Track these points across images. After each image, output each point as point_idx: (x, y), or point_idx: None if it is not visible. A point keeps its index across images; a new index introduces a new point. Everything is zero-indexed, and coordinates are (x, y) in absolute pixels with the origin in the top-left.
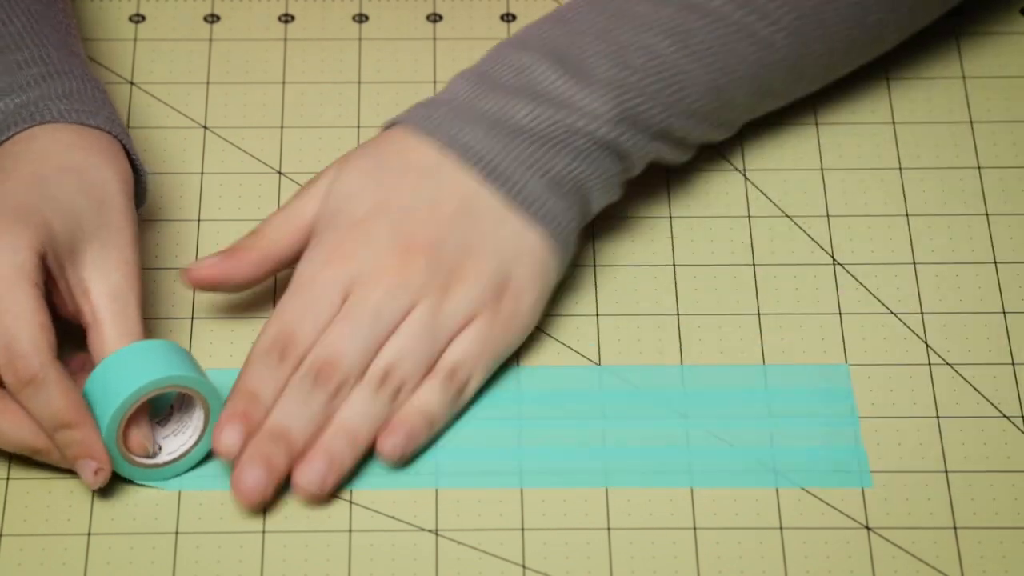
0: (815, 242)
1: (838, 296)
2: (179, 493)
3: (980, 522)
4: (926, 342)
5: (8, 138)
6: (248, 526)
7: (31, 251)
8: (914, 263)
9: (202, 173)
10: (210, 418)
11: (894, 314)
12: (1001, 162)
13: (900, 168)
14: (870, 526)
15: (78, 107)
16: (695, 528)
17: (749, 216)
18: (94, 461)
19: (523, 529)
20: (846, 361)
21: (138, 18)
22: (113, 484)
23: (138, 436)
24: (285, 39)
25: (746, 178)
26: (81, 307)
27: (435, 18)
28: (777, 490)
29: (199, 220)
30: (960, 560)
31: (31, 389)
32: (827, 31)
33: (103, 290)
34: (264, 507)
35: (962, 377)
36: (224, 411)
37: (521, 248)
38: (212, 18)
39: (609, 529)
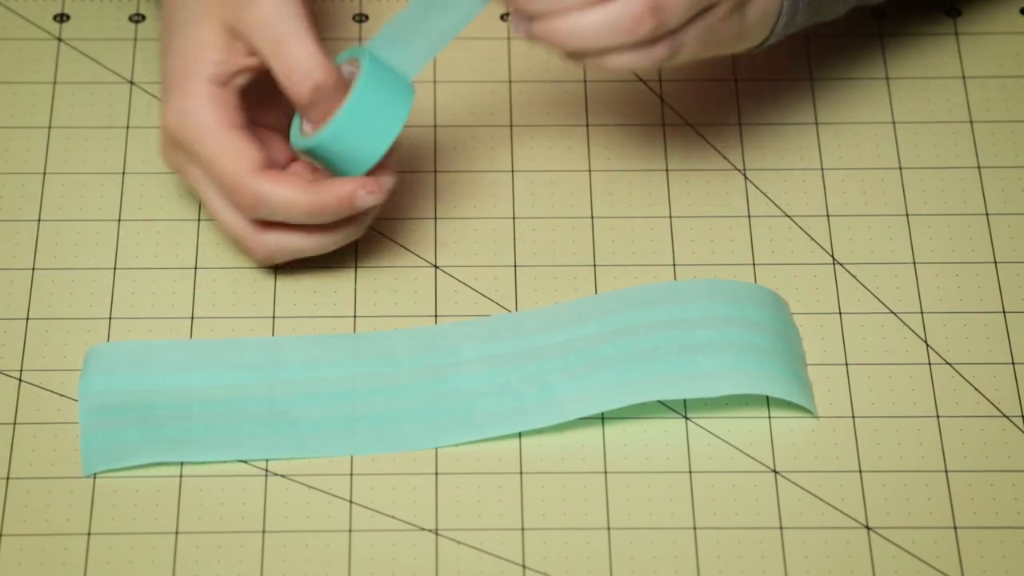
0: (815, 242)
1: (838, 296)
2: (179, 493)
3: (980, 522)
4: (926, 342)
5: None
6: (248, 526)
7: (201, 100)
8: (914, 263)
9: None
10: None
11: (894, 314)
12: (1001, 162)
13: (900, 168)
14: (870, 526)
15: None
16: (695, 528)
17: (749, 216)
18: (366, 194)
19: (523, 529)
20: (846, 361)
21: (138, 18)
22: (113, 484)
23: None
24: None
25: (746, 178)
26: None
27: None
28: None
29: (199, 220)
30: (960, 560)
31: (264, 209)
32: None
33: (269, 36)
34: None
35: (962, 377)
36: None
37: None
38: None
39: (609, 529)
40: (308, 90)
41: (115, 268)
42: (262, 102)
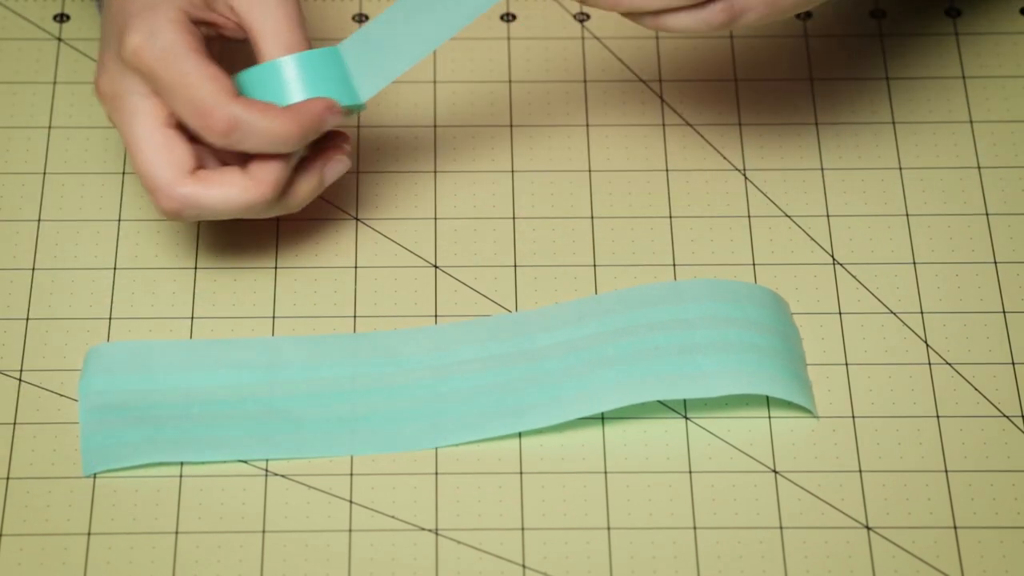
0: (815, 242)
1: (838, 296)
2: (179, 493)
3: (980, 522)
4: (926, 342)
5: None
6: (248, 526)
7: (173, 24)
8: (914, 263)
9: None
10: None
11: (894, 314)
12: (1001, 162)
13: (900, 168)
14: (870, 526)
15: None
16: (695, 528)
17: (749, 216)
18: (331, 115)
19: (523, 529)
20: (846, 361)
21: None
22: (113, 484)
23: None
24: None
25: (746, 178)
26: (239, 22)
27: None
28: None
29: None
30: (960, 560)
31: (237, 135)
32: None
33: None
34: None
35: (962, 377)
36: None
37: None
38: None
39: (609, 529)
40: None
41: (115, 268)
42: None
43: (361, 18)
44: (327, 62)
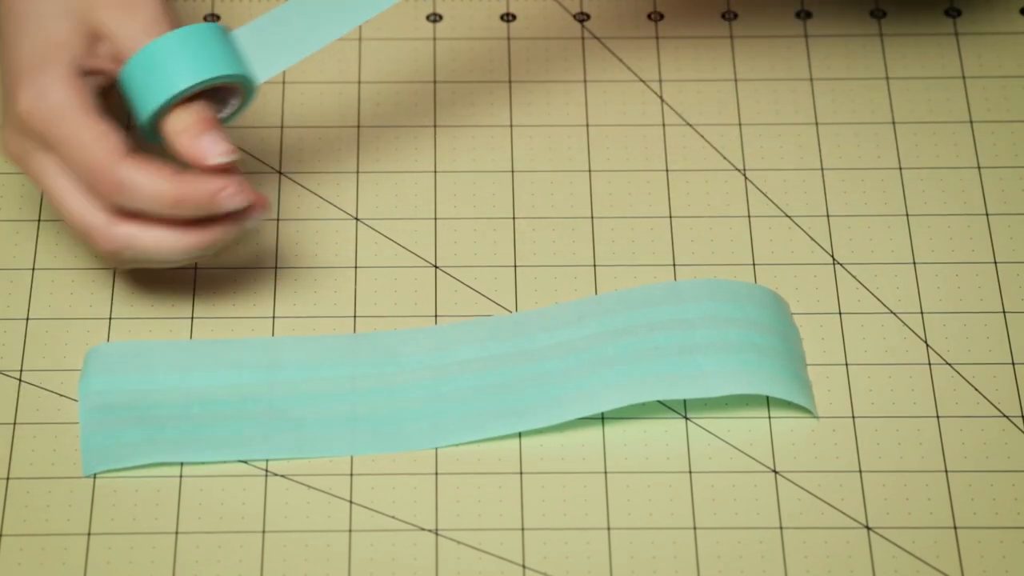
0: (815, 242)
1: (838, 296)
2: (179, 493)
3: (980, 522)
4: (926, 342)
5: None
6: (248, 526)
7: (62, 82)
8: (914, 263)
9: None
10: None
11: (894, 314)
12: (1001, 162)
13: (900, 168)
14: (870, 526)
15: None
16: (695, 528)
17: (749, 216)
18: (229, 195)
19: (523, 529)
20: (846, 361)
21: None
22: (113, 484)
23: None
24: None
25: (746, 178)
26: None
27: (435, 18)
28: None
29: None
30: (960, 560)
31: (126, 195)
32: None
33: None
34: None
35: (962, 377)
36: None
37: None
38: (213, 18)
39: (609, 529)
40: None
41: (115, 268)
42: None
43: None
44: (209, 36)
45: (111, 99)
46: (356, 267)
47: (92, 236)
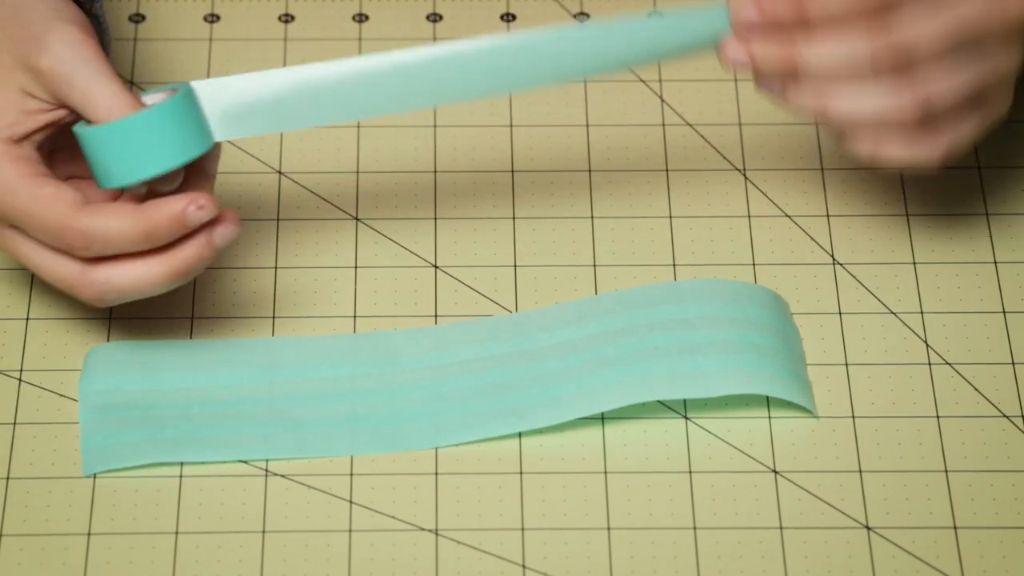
0: (815, 242)
1: (838, 296)
2: (179, 493)
3: (980, 522)
4: (926, 342)
5: None
6: (248, 526)
7: (4, 157)
8: (914, 263)
9: None
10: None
11: (894, 314)
12: (1001, 163)
13: (900, 168)
14: (870, 526)
15: None
16: (695, 528)
17: (749, 216)
18: (195, 209)
19: (523, 529)
20: (846, 361)
21: (138, 18)
22: (113, 484)
23: None
24: (285, 39)
25: (746, 178)
26: (64, 104)
27: (435, 18)
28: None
29: None
30: (960, 560)
31: (97, 245)
32: None
33: (72, 70)
34: None
35: (962, 377)
36: None
37: None
38: (212, 18)
39: (609, 529)
40: None
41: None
42: (65, 151)
43: (361, 18)
44: (182, 107)
45: (61, 139)
46: (356, 267)
47: (72, 288)
